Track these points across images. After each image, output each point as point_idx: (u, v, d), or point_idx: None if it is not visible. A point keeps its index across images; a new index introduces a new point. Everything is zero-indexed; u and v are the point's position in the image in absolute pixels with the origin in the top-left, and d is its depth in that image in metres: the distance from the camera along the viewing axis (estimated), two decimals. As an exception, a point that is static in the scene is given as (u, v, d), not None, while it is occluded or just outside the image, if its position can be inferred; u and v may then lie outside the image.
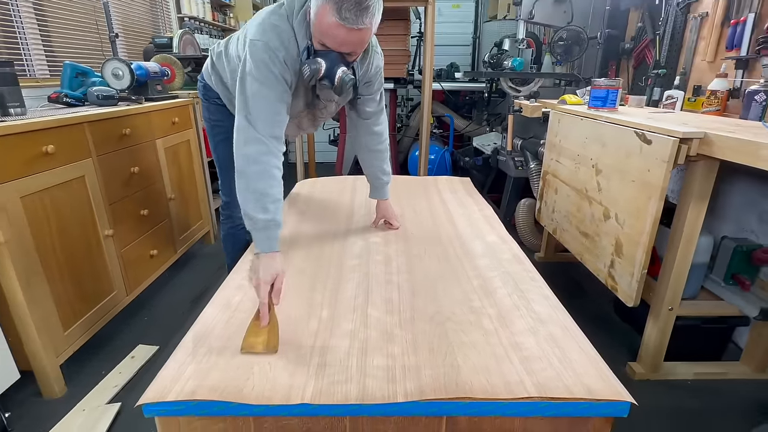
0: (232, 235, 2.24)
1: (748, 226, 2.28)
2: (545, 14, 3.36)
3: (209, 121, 2.11)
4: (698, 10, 2.63)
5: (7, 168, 1.70)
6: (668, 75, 2.83)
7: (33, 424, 1.82)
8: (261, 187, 1.51)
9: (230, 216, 2.20)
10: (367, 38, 1.51)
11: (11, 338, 1.78)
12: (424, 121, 3.90)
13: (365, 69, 1.78)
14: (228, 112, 2.02)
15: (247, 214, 1.52)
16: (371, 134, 1.99)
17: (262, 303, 1.33)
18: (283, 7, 1.58)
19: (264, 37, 1.52)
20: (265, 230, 1.52)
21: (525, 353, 1.20)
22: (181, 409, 1.04)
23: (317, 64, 1.50)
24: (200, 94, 2.10)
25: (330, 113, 2.04)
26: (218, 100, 2.03)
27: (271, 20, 1.55)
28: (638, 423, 1.85)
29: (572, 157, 2.45)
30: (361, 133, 2.00)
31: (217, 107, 2.05)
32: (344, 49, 1.50)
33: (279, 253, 1.53)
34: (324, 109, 1.96)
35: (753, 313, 1.92)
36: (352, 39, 1.46)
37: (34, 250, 1.82)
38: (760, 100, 2.05)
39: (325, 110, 1.97)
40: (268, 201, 1.51)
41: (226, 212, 2.21)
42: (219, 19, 5.61)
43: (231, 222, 2.21)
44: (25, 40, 2.96)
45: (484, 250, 1.86)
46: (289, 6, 1.58)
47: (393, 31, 3.95)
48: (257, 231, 1.53)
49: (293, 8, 1.57)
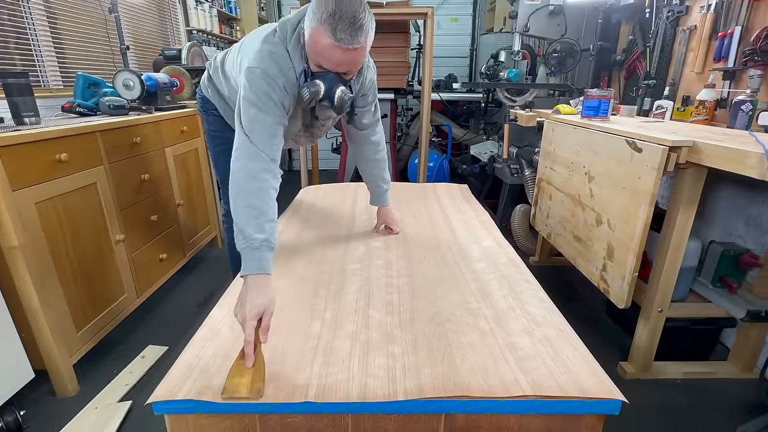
0: None
1: (735, 230, 2.28)
2: (540, 27, 3.38)
3: (209, 132, 2.11)
4: (687, 24, 2.64)
5: (22, 175, 1.70)
6: (658, 85, 2.84)
7: (47, 421, 1.82)
8: (259, 205, 1.42)
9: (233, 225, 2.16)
10: (362, 56, 1.48)
11: (26, 338, 1.78)
12: (424, 129, 3.91)
13: (360, 83, 1.77)
14: (226, 123, 2.02)
15: (242, 231, 1.39)
16: (369, 144, 1.98)
17: (247, 342, 1.16)
18: (276, 34, 1.55)
19: (262, 65, 1.49)
20: (258, 250, 1.37)
21: (520, 353, 1.20)
22: (190, 407, 1.04)
23: (316, 86, 1.48)
24: (199, 106, 2.11)
25: (327, 129, 2.04)
26: (216, 111, 2.03)
27: (267, 48, 1.52)
28: (629, 420, 1.85)
29: (566, 165, 2.45)
30: (360, 144, 1.99)
31: (216, 118, 2.05)
32: (341, 69, 1.48)
33: (272, 276, 1.38)
34: (322, 127, 1.96)
35: (740, 315, 1.92)
36: (348, 59, 1.43)
37: (48, 254, 1.83)
38: (747, 109, 2.06)
39: (323, 127, 1.97)
40: (265, 220, 1.41)
41: (229, 220, 2.20)
42: (226, 31, 5.64)
43: None
44: (40, 52, 2.97)
45: (481, 254, 1.87)
46: (282, 31, 1.55)
47: (393, 44, 3.96)
48: (251, 250, 1.37)
49: (286, 33, 1.54)
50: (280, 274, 1.70)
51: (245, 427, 1.10)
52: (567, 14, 3.33)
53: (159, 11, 4.48)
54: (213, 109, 2.03)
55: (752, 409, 1.91)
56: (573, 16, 3.37)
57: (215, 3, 5.32)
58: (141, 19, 4.16)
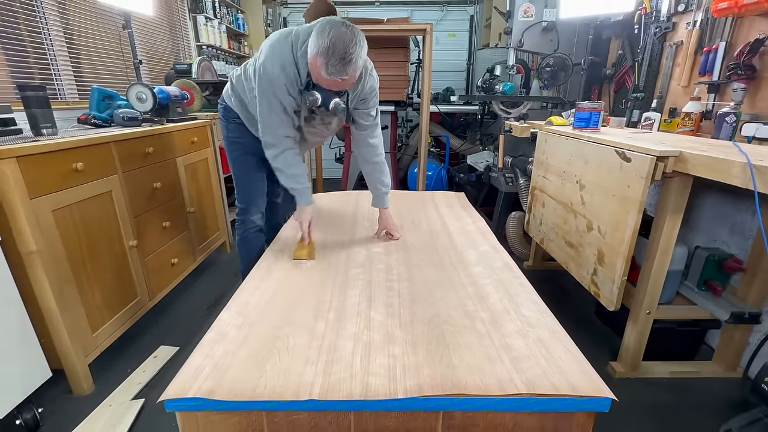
0: (246, 239, 2.30)
1: (719, 236, 2.29)
2: (533, 42, 3.40)
3: (228, 138, 2.19)
4: (674, 39, 2.65)
5: (40, 183, 1.71)
6: (646, 98, 2.85)
7: (64, 419, 1.82)
8: (291, 172, 1.96)
9: (244, 221, 2.27)
10: (351, 81, 1.67)
11: (44, 339, 1.78)
12: (423, 140, 3.92)
13: (360, 89, 1.93)
14: (246, 129, 2.14)
15: (290, 188, 1.99)
16: (368, 146, 2.11)
17: (305, 231, 1.97)
18: (290, 35, 1.74)
19: (269, 64, 1.72)
20: (302, 194, 1.99)
21: (515, 353, 1.21)
22: (200, 404, 1.05)
23: (314, 97, 1.72)
24: (220, 114, 2.19)
25: (333, 129, 2.21)
26: (237, 119, 2.13)
27: (278, 48, 1.73)
28: (618, 417, 1.85)
29: (558, 174, 2.46)
30: (360, 145, 2.13)
31: (237, 125, 2.14)
32: (334, 89, 1.70)
33: (312, 204, 2.04)
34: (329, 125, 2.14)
35: (724, 317, 1.93)
36: (339, 85, 1.65)
37: (65, 259, 1.84)
38: (731, 121, 2.07)
39: (330, 125, 2.14)
40: (299, 178, 1.98)
41: (240, 218, 2.28)
42: (234, 47, 5.67)
43: (244, 226, 2.28)
44: (57, 67, 3.00)
45: (477, 258, 1.88)
46: (296, 35, 1.73)
47: (394, 58, 3.98)
48: (298, 194, 1.99)
49: (299, 38, 1.72)
50: (288, 276, 1.71)
51: (252, 424, 1.11)
52: (559, 30, 3.35)
53: (170, 27, 4.52)
54: (235, 118, 2.13)
55: (736, 407, 1.91)
56: (565, 32, 3.39)
57: (224, 20, 5.36)
58: (153, 34, 4.19)
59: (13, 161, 1.59)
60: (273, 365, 1.16)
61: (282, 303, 1.51)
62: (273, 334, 1.32)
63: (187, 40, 4.83)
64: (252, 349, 1.23)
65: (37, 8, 2.82)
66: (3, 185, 1.58)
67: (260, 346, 1.25)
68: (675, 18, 2.64)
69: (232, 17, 5.67)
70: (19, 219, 1.63)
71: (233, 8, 5.72)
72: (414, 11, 6.78)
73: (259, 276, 1.72)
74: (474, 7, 6.72)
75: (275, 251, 1.99)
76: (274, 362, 1.17)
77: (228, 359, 1.19)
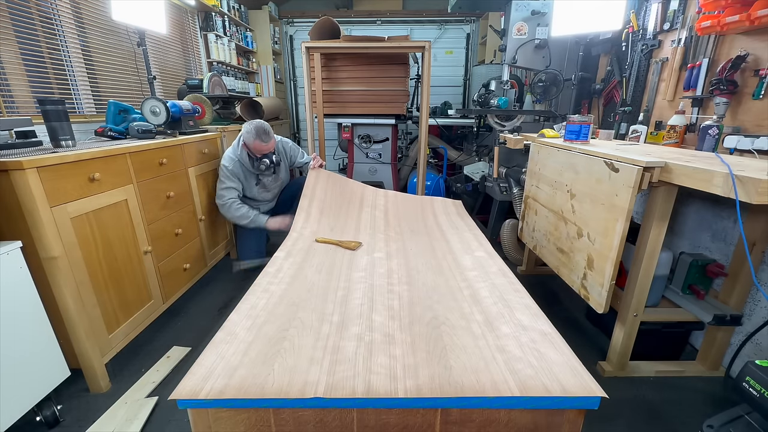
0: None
1: (702, 243, 2.29)
2: (526, 59, 3.42)
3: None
4: (659, 56, 2.67)
5: (59, 192, 1.73)
6: (633, 112, 2.86)
7: (82, 415, 1.83)
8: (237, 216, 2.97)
9: None
10: (273, 145, 2.92)
11: (63, 340, 1.79)
12: (422, 152, 3.94)
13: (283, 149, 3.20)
14: None
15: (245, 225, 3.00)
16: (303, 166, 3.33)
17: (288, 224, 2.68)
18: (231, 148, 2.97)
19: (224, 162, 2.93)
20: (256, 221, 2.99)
21: (509, 355, 1.22)
22: (210, 402, 1.06)
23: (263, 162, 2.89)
24: None
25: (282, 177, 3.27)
26: None
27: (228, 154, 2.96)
28: (607, 414, 1.85)
29: (550, 183, 2.47)
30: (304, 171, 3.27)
31: None
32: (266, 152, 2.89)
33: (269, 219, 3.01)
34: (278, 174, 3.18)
35: (707, 319, 1.93)
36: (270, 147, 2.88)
37: (83, 263, 1.84)
38: (713, 133, 2.08)
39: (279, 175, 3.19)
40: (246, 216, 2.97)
41: None
42: (243, 63, 5.69)
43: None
44: (75, 82, 3.02)
45: (473, 264, 1.88)
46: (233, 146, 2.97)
47: (394, 74, 4.00)
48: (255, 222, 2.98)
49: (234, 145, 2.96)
50: (294, 280, 1.72)
51: (260, 420, 1.11)
52: (551, 47, 3.37)
53: (183, 45, 4.54)
54: None
55: (718, 404, 1.91)
56: (556, 49, 3.41)
57: (233, 37, 5.38)
58: (166, 51, 4.22)
59: (34, 172, 1.60)
60: (280, 364, 1.16)
61: (288, 305, 1.51)
62: (280, 334, 1.32)
63: (199, 56, 4.86)
64: (260, 349, 1.24)
65: (56, 27, 2.84)
66: (25, 194, 1.59)
67: (268, 346, 1.26)
68: (661, 36, 2.66)
69: (241, 35, 5.70)
70: (40, 226, 1.64)
71: (242, 27, 5.75)
72: (413, 29, 6.82)
73: (266, 280, 1.73)
74: (470, 25, 6.76)
75: (282, 258, 2.00)
76: (281, 362, 1.18)
77: (237, 358, 1.19)
